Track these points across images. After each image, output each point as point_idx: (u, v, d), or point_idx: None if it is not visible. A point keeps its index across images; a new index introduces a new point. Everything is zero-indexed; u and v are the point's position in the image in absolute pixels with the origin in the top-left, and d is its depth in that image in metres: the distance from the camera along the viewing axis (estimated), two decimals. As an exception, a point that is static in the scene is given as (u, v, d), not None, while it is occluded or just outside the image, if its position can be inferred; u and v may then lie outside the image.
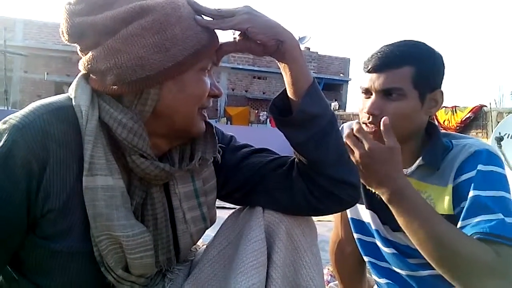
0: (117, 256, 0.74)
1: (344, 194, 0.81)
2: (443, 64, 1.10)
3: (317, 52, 19.77)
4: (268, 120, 17.13)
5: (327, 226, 3.17)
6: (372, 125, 1.07)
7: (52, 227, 0.71)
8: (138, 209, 0.78)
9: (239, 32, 0.79)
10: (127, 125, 0.72)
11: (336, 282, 1.72)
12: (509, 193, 0.98)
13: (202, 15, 0.77)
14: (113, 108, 0.73)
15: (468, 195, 0.97)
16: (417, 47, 1.08)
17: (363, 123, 1.09)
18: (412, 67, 1.04)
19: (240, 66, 18.26)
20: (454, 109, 7.67)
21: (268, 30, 0.76)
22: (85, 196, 0.70)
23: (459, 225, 0.97)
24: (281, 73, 0.82)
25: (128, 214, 0.74)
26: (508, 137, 4.72)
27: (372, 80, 1.07)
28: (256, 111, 18.15)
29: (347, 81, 20.67)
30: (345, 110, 15.44)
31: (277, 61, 0.82)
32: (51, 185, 0.69)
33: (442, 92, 1.09)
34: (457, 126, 7.46)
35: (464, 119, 7.47)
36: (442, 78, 1.10)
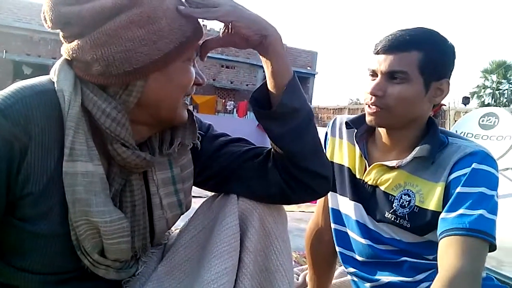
0: (94, 241, 0.75)
1: (317, 185, 0.85)
2: (454, 55, 1.09)
3: (285, 45, 19.83)
4: (235, 110, 17.09)
5: (289, 216, 3.24)
6: (374, 106, 1.08)
7: (31, 209, 0.71)
8: (116, 195, 0.79)
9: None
10: (111, 115, 0.72)
11: (300, 267, 1.77)
12: (497, 194, 1.00)
13: (185, 3, 0.77)
14: (97, 97, 0.72)
15: (456, 190, 1.00)
16: (429, 34, 1.07)
17: (366, 104, 1.11)
18: (420, 53, 1.03)
19: (209, 55, 17.87)
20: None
21: (252, 24, 0.78)
22: (65, 181, 0.70)
23: (441, 216, 1.00)
24: (249, 63, 0.84)
25: (107, 200, 0.74)
26: (464, 135, 4.96)
27: (379, 61, 1.07)
28: (223, 101, 18.04)
29: (314, 75, 20.87)
30: (311, 103, 15.63)
31: (259, 54, 0.83)
32: (31, 168, 0.69)
33: (448, 83, 1.09)
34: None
35: (424, 117, 7.72)
36: (452, 69, 1.10)
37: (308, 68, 20.68)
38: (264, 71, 0.85)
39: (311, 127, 0.83)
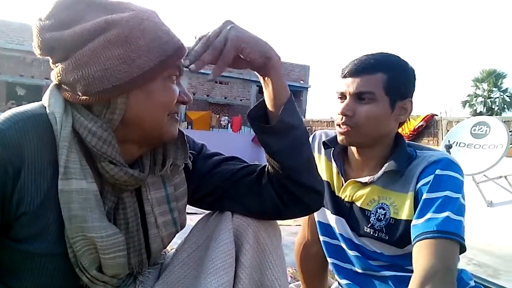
0: (91, 257, 0.76)
1: (310, 200, 0.88)
2: (415, 76, 1.17)
3: (278, 59, 19.97)
4: (229, 125, 17.12)
5: (286, 230, 3.24)
6: (344, 126, 1.14)
7: (26, 229, 0.73)
8: (110, 213, 0.81)
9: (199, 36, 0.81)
10: (97, 133, 0.75)
11: (297, 283, 1.77)
12: (463, 196, 1.05)
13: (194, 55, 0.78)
14: (84, 117, 0.75)
15: (422, 197, 1.05)
16: (392, 58, 1.15)
17: (337, 124, 1.16)
18: (385, 74, 1.11)
19: (202, 71, 18.01)
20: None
21: (258, 47, 0.80)
22: (60, 199, 0.72)
23: (412, 223, 1.04)
24: (242, 78, 0.86)
25: (102, 216, 0.76)
26: (456, 145, 4.99)
27: (347, 84, 1.14)
28: (218, 116, 18.09)
29: (306, 88, 21.02)
30: (304, 117, 15.68)
31: (259, 75, 0.86)
32: (25, 189, 0.71)
33: (411, 102, 1.16)
34: (410, 134, 7.74)
35: (417, 127, 7.76)
36: (413, 89, 1.17)
37: (301, 81, 20.83)
38: (258, 86, 0.87)
39: (307, 144, 0.87)
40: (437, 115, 7.63)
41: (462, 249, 0.99)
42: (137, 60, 0.73)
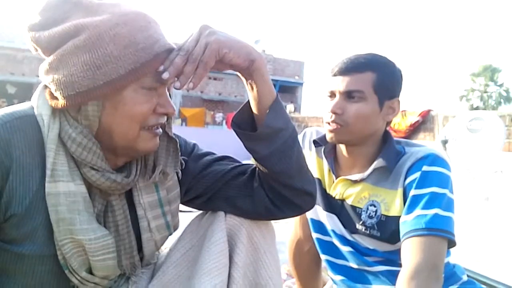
0: (80, 259, 0.76)
1: (303, 202, 0.87)
2: (402, 77, 1.20)
3: (272, 55, 19.96)
4: (223, 121, 17.09)
5: (282, 228, 3.21)
6: (334, 124, 1.15)
7: (16, 231, 0.72)
8: (100, 215, 0.80)
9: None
10: (76, 140, 0.74)
11: (293, 280, 1.76)
12: (450, 190, 1.06)
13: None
14: (67, 121, 0.75)
15: (410, 193, 1.06)
16: (380, 58, 1.17)
17: (327, 122, 1.17)
18: (374, 74, 1.13)
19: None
20: (404, 113, 7.97)
21: (241, 51, 0.77)
22: (48, 201, 0.71)
23: (400, 220, 1.05)
24: (236, 74, 0.83)
25: (90, 218, 0.75)
26: (452, 140, 4.99)
27: (337, 83, 1.15)
28: (212, 113, 18.05)
29: (301, 84, 21.01)
30: (300, 112, 15.66)
31: (242, 77, 0.82)
32: (14, 191, 0.71)
33: (399, 102, 1.19)
34: (406, 130, 7.76)
35: (413, 122, 7.78)
36: (400, 89, 1.19)
37: (296, 77, 20.80)
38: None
39: (296, 145, 0.85)
40: (432, 110, 7.64)
41: (452, 244, 1.01)
42: (103, 67, 0.70)
